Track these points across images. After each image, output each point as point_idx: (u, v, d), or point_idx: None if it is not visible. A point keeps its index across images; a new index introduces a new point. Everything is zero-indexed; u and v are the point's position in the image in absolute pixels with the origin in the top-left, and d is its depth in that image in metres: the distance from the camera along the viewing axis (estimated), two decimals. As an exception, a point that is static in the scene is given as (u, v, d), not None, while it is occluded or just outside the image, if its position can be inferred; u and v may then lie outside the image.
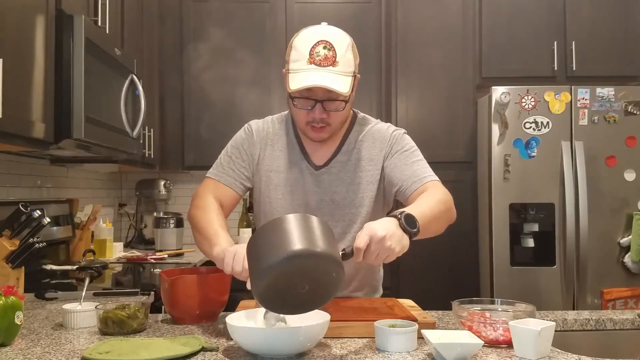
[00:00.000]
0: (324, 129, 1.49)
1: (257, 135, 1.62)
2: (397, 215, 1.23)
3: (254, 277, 1.09)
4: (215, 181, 1.60)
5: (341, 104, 1.45)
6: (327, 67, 1.39)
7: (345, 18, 3.73)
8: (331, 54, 1.39)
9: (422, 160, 1.56)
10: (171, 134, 3.64)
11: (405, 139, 1.59)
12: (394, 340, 1.18)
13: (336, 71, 1.39)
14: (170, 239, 3.41)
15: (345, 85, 1.39)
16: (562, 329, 1.53)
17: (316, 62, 1.39)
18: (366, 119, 1.64)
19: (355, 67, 1.46)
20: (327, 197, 1.55)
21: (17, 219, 1.81)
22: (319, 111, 1.45)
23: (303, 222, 1.10)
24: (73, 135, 1.95)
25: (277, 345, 1.12)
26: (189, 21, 3.67)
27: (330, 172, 1.56)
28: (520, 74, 3.51)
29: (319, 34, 1.42)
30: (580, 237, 3.15)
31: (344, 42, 1.43)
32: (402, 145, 1.56)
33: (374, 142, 1.58)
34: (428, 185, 1.49)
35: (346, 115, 1.53)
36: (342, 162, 1.57)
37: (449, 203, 1.46)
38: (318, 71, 1.39)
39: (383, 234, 1.15)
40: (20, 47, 1.67)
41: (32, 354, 1.19)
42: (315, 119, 1.46)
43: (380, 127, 1.61)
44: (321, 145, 1.58)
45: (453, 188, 3.46)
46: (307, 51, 1.40)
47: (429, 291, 3.31)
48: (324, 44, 1.40)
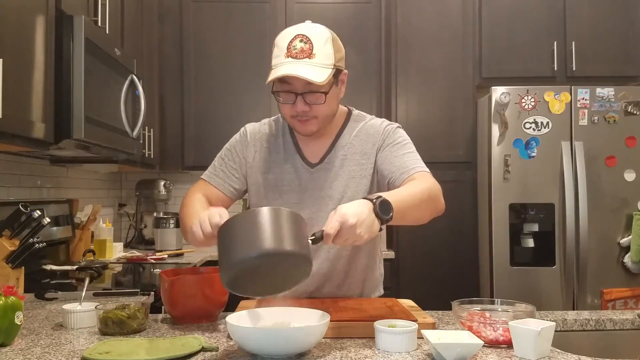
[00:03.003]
0: (309, 121, 1.50)
1: (251, 138, 1.63)
2: (373, 199, 1.23)
3: (222, 266, 1.11)
4: (206, 182, 1.63)
5: (321, 96, 1.45)
6: (303, 59, 1.40)
7: (345, 18, 3.73)
8: (307, 47, 1.41)
9: (413, 153, 1.56)
10: (171, 134, 3.65)
11: (398, 132, 1.59)
12: (394, 340, 1.18)
13: (312, 63, 1.41)
14: (170, 239, 3.42)
15: (320, 75, 1.40)
16: (562, 329, 1.53)
17: (292, 54, 1.40)
18: (361, 116, 1.66)
19: (337, 60, 1.47)
20: (323, 193, 1.56)
21: (17, 219, 1.81)
22: (301, 104, 1.46)
23: (274, 217, 1.10)
24: (73, 135, 1.95)
25: (277, 345, 1.12)
26: (189, 21, 3.67)
27: (325, 169, 1.57)
28: (520, 74, 3.51)
29: (297, 29, 1.45)
30: (580, 237, 3.15)
31: (322, 35, 1.45)
32: (394, 139, 1.57)
33: (368, 136, 1.59)
34: (416, 176, 1.48)
35: (331, 109, 1.53)
36: (337, 158, 1.57)
37: (435, 193, 1.45)
38: (293, 63, 1.40)
39: (354, 221, 1.16)
40: (20, 47, 1.67)
41: (32, 354, 1.19)
42: (298, 112, 1.48)
43: (374, 122, 1.63)
44: (316, 143, 1.59)
45: (453, 188, 3.52)
46: (285, 46, 1.42)
47: (429, 291, 3.31)
48: (301, 37, 1.42)
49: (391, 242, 3.53)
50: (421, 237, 3.50)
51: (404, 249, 3.49)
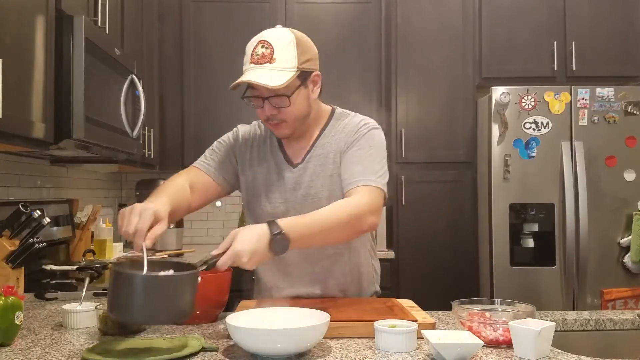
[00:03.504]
0: (280, 125, 1.52)
1: (242, 138, 1.66)
2: (272, 234, 1.27)
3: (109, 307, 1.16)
4: (196, 169, 1.64)
5: (285, 100, 1.46)
6: (264, 65, 1.43)
7: (345, 18, 3.73)
8: (268, 52, 1.44)
9: (370, 160, 1.52)
10: (171, 134, 3.65)
11: (370, 135, 1.57)
12: (394, 340, 1.18)
13: (272, 67, 1.43)
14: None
15: (279, 79, 1.42)
16: (562, 329, 1.53)
17: (255, 60, 1.44)
18: (344, 114, 1.65)
19: (301, 63, 1.47)
20: (305, 192, 1.57)
21: (17, 219, 1.81)
22: (268, 108, 1.48)
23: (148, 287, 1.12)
24: (73, 135, 1.95)
25: (277, 345, 1.12)
26: (189, 21, 3.67)
27: (306, 168, 1.58)
28: (520, 74, 3.51)
29: (260, 35, 1.48)
30: (580, 237, 3.15)
31: (284, 39, 1.46)
32: (360, 143, 1.55)
33: (344, 135, 1.59)
34: (356, 190, 1.47)
35: (301, 111, 1.52)
36: (317, 157, 1.58)
37: (358, 214, 1.41)
38: (255, 69, 1.43)
39: (245, 260, 1.23)
40: (20, 47, 1.67)
41: (32, 354, 1.18)
42: (267, 116, 1.50)
43: (352, 120, 1.62)
44: (298, 143, 1.60)
45: (453, 188, 3.53)
46: (250, 52, 1.46)
47: (429, 291, 3.31)
48: (262, 43, 1.45)
49: (391, 242, 3.53)
50: (421, 237, 3.50)
51: (404, 249, 3.49)
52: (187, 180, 1.58)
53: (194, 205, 1.59)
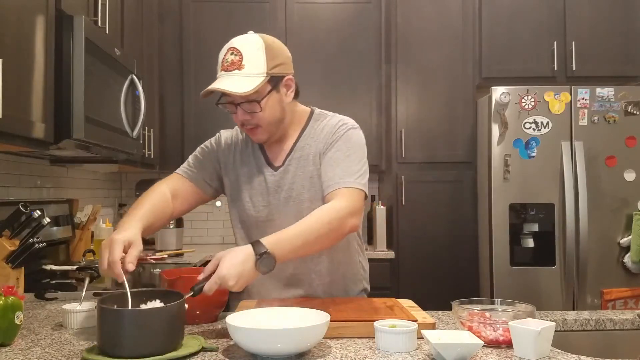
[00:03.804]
0: (255, 130, 1.54)
1: (225, 143, 1.67)
2: (257, 255, 1.28)
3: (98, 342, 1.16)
4: (177, 175, 1.66)
5: (255, 105, 1.48)
6: (233, 72, 1.46)
7: (345, 18, 3.73)
8: (237, 59, 1.46)
9: (350, 162, 1.52)
10: (171, 134, 3.65)
11: (347, 136, 1.56)
12: (394, 340, 1.18)
13: (240, 74, 1.45)
14: (170, 239, 3.41)
15: (247, 86, 1.44)
16: (562, 329, 1.53)
17: (224, 68, 1.47)
18: (322, 114, 1.65)
19: (270, 68, 1.48)
20: (286, 195, 1.58)
21: (17, 219, 1.81)
22: (241, 113, 1.50)
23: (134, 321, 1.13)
24: (73, 135, 1.95)
25: (277, 345, 1.12)
26: (189, 21, 3.67)
27: (287, 170, 1.59)
28: (520, 74, 3.51)
29: (230, 42, 1.51)
30: (580, 237, 3.15)
31: (253, 46, 1.48)
32: (338, 144, 1.55)
33: (322, 136, 1.59)
34: (335, 194, 1.48)
35: (274, 115, 1.53)
36: (297, 159, 1.59)
37: (338, 219, 1.43)
38: (224, 76, 1.46)
39: (232, 284, 1.24)
40: (20, 47, 1.67)
41: (32, 354, 1.18)
42: (241, 122, 1.53)
43: (331, 121, 1.61)
44: (279, 146, 1.61)
45: (453, 188, 3.53)
46: (220, 60, 1.49)
47: (429, 291, 3.31)
48: (232, 50, 1.48)
49: (391, 242, 3.53)
50: (421, 237, 3.50)
51: (404, 249, 3.50)
52: (169, 188, 1.61)
53: (176, 212, 1.62)
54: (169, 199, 1.59)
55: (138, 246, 1.33)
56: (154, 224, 1.51)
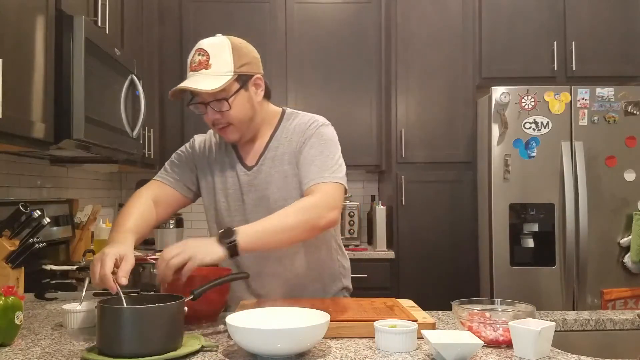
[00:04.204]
0: (226, 129, 1.55)
1: (199, 148, 1.70)
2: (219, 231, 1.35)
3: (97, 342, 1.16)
4: (157, 182, 1.68)
5: (224, 103, 1.50)
6: (200, 71, 1.49)
7: (345, 18, 3.73)
8: (204, 59, 1.50)
9: (325, 158, 1.53)
10: (171, 134, 3.65)
11: (320, 133, 1.58)
12: (394, 340, 1.18)
13: (207, 73, 1.48)
14: (170, 239, 3.41)
15: (214, 83, 1.46)
16: (562, 329, 1.54)
17: (192, 68, 1.50)
18: (294, 114, 1.67)
19: (238, 67, 1.50)
20: (260, 194, 1.59)
21: (17, 219, 1.81)
22: (211, 112, 1.53)
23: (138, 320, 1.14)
24: (73, 135, 1.95)
25: (277, 345, 1.12)
26: (189, 21, 3.67)
27: (260, 171, 1.60)
28: (520, 74, 3.51)
29: (198, 44, 1.54)
30: (580, 237, 3.15)
31: (219, 46, 1.51)
32: (311, 141, 1.57)
33: (295, 135, 1.60)
34: (312, 189, 1.49)
35: (244, 113, 1.54)
36: (270, 159, 1.60)
37: (313, 212, 1.44)
38: (192, 76, 1.50)
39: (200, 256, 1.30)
40: (20, 47, 1.67)
41: (32, 354, 1.19)
42: (212, 121, 1.55)
43: (302, 120, 1.63)
44: (252, 146, 1.63)
45: (453, 188, 3.53)
46: (189, 62, 1.52)
47: (429, 291, 3.31)
48: (199, 51, 1.51)
49: (391, 242, 3.53)
50: (421, 237, 3.50)
51: (404, 249, 3.49)
52: (151, 196, 1.63)
53: (160, 218, 1.64)
54: (153, 206, 1.61)
55: (130, 260, 1.35)
56: (144, 235, 1.54)
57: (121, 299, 1.23)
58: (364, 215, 3.97)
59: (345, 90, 3.71)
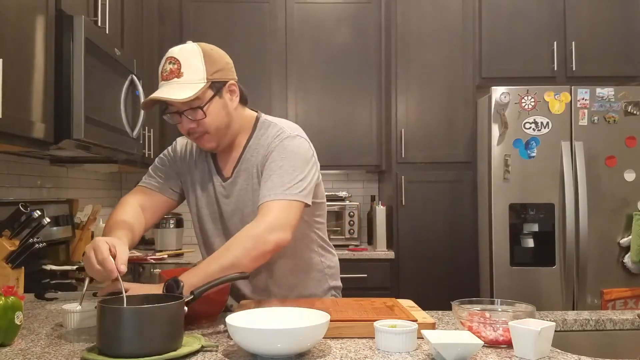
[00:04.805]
0: (202, 137, 1.52)
1: (181, 151, 1.68)
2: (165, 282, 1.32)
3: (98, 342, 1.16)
4: (142, 187, 1.68)
5: (198, 112, 1.47)
6: (172, 80, 1.45)
7: (345, 18, 3.73)
8: (175, 67, 1.46)
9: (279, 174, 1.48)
10: (171, 134, 3.64)
11: (283, 146, 1.52)
12: (394, 340, 1.18)
13: (179, 81, 1.45)
14: (170, 239, 3.41)
15: (187, 92, 1.43)
16: (562, 329, 1.53)
17: (164, 77, 1.47)
18: (265, 122, 1.61)
19: (210, 74, 1.47)
20: (234, 206, 1.58)
21: (17, 219, 1.81)
22: (186, 121, 1.49)
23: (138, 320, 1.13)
24: (73, 135, 1.95)
25: (277, 345, 1.12)
26: (189, 21, 3.67)
27: (235, 182, 1.59)
28: (520, 74, 3.51)
29: (168, 53, 1.49)
30: (580, 237, 3.15)
31: (190, 54, 1.48)
32: (272, 156, 1.52)
33: (261, 148, 1.56)
34: (262, 208, 1.44)
35: (220, 121, 1.51)
36: (244, 171, 1.58)
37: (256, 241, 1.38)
38: (164, 86, 1.46)
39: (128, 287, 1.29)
40: (20, 47, 1.67)
41: (32, 354, 1.18)
42: (187, 130, 1.51)
43: (271, 131, 1.58)
44: (228, 156, 1.61)
45: (453, 188, 3.53)
46: (160, 71, 1.49)
47: (429, 291, 3.31)
48: (170, 59, 1.47)
49: (391, 242, 3.53)
50: (421, 237, 3.50)
51: (404, 249, 3.49)
52: (138, 202, 1.62)
53: (148, 224, 1.64)
54: (141, 213, 1.60)
55: (125, 249, 1.33)
56: (134, 243, 1.53)
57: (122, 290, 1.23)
58: (364, 215, 3.97)
59: (345, 90, 3.71)
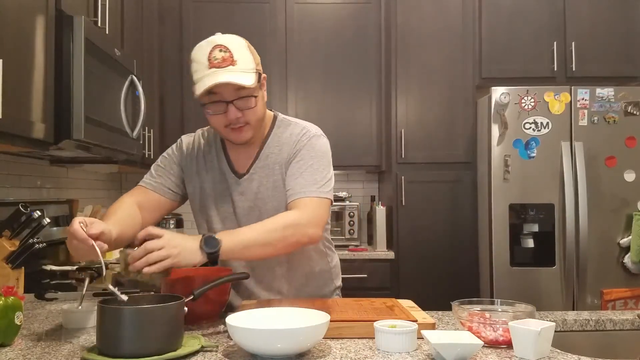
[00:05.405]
0: (242, 129, 1.51)
1: (186, 149, 1.66)
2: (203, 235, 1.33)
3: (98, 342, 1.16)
4: (141, 187, 1.66)
5: (251, 100, 1.47)
6: (227, 67, 1.42)
7: (345, 18, 3.73)
8: (228, 55, 1.44)
9: (313, 172, 1.51)
10: (171, 134, 3.64)
11: (310, 145, 1.55)
12: (394, 341, 1.18)
13: (236, 69, 1.43)
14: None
15: (248, 79, 1.43)
16: (562, 329, 1.53)
17: (215, 65, 1.43)
18: (285, 121, 1.63)
19: (256, 65, 1.48)
20: (252, 203, 1.57)
21: (17, 220, 1.81)
22: (233, 111, 1.47)
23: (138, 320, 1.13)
24: (73, 135, 1.95)
25: (277, 345, 1.12)
26: (189, 21, 3.67)
27: (252, 179, 1.57)
28: (520, 75, 3.51)
29: (212, 41, 1.48)
30: (580, 238, 3.15)
31: (238, 43, 1.47)
32: (301, 154, 1.54)
33: (286, 145, 1.57)
34: (298, 203, 1.47)
35: (262, 112, 1.53)
36: (261, 168, 1.57)
37: (298, 228, 1.42)
38: (219, 72, 1.42)
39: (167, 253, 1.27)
40: (20, 47, 1.67)
41: (32, 354, 1.19)
42: (231, 120, 1.48)
43: (294, 129, 1.59)
44: (244, 152, 1.59)
45: (453, 188, 3.53)
46: (205, 58, 1.45)
47: (429, 291, 3.31)
48: (219, 47, 1.44)
49: (391, 242, 3.53)
50: (421, 237, 3.50)
51: (404, 249, 3.49)
52: (135, 201, 1.60)
53: (146, 223, 1.59)
54: (137, 210, 1.58)
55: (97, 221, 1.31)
56: (126, 232, 1.48)
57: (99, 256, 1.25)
58: (364, 216, 3.97)
59: (345, 90, 3.71)
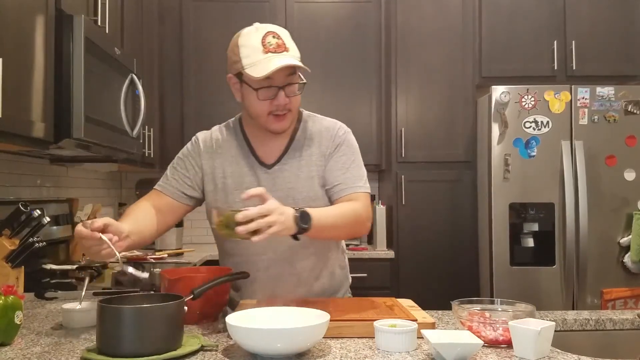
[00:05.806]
0: (285, 116, 1.52)
1: (204, 147, 1.63)
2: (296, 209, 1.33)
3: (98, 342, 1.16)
4: (158, 192, 1.62)
5: (300, 87, 1.51)
6: (282, 53, 1.45)
7: (345, 18, 3.73)
8: (281, 42, 1.47)
9: (357, 167, 1.60)
10: (171, 134, 3.65)
11: (349, 140, 1.62)
12: (394, 340, 1.18)
13: (289, 55, 1.46)
14: (170, 238, 3.41)
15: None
16: (561, 329, 1.53)
17: (271, 50, 1.45)
18: (312, 116, 1.67)
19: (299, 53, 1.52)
20: (284, 194, 1.55)
21: (17, 219, 1.81)
22: (282, 97, 1.49)
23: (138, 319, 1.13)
24: (73, 134, 1.95)
25: (277, 345, 1.12)
26: (188, 20, 3.67)
27: (283, 169, 1.58)
28: (520, 74, 3.51)
29: (262, 28, 1.49)
30: (580, 237, 3.15)
31: (285, 32, 1.51)
32: (342, 148, 1.59)
33: (322, 138, 1.60)
34: (353, 197, 1.54)
35: (300, 102, 1.56)
36: (295, 158, 1.58)
37: (361, 218, 1.52)
38: (277, 57, 1.44)
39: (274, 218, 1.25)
40: (20, 46, 1.67)
41: (31, 354, 1.18)
42: (279, 106, 1.49)
43: (327, 123, 1.64)
44: (270, 144, 1.59)
45: (453, 188, 3.53)
46: (258, 43, 1.45)
47: (429, 291, 3.32)
48: (272, 34, 1.47)
49: (391, 242, 3.53)
50: (421, 237, 3.50)
51: (404, 249, 3.50)
52: (151, 203, 1.58)
53: (163, 226, 1.59)
54: (153, 211, 1.56)
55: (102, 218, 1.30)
56: (142, 231, 1.48)
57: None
58: (364, 215, 3.96)
59: (345, 89, 3.71)
